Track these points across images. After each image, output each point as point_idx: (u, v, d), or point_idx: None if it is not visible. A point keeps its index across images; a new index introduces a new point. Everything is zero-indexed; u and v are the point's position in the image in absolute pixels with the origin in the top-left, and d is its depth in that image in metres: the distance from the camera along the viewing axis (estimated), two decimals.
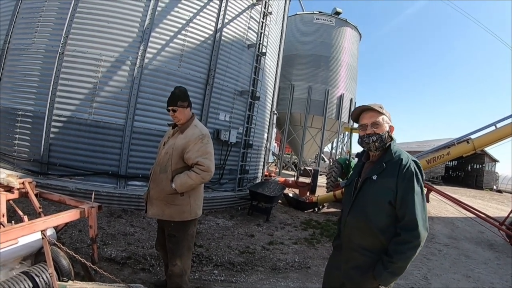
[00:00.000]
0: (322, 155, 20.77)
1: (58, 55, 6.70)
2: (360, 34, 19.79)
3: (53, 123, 6.65)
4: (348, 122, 18.77)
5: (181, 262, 3.17)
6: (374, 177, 2.11)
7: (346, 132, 19.06)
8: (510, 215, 8.75)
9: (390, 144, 2.17)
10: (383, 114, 2.18)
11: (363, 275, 2.09)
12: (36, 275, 2.48)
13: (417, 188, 2.01)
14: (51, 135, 6.66)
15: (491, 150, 35.79)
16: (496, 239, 8.73)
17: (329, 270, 2.45)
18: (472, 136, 9.21)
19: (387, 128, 2.18)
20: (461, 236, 8.96)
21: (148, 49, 7.00)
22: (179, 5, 7.34)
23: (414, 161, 2.10)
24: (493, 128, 8.79)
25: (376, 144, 2.15)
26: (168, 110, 3.20)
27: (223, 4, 7.96)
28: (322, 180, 16.36)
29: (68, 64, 6.72)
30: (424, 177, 2.10)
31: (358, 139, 2.26)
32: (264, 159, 11.02)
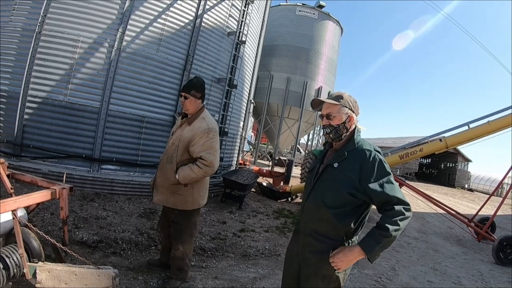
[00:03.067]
0: (298, 146, 21.01)
1: (35, 34, 6.47)
2: (342, 29, 19.89)
3: (27, 104, 6.47)
4: None
5: (183, 247, 3.37)
6: (335, 165, 2.12)
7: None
8: (479, 213, 9.17)
9: (353, 134, 2.18)
10: (339, 105, 2.16)
11: (319, 259, 2.12)
12: (6, 256, 2.50)
13: (387, 173, 2.02)
14: (25, 116, 6.49)
15: (464, 149, 37.18)
16: (464, 235, 9.08)
17: (289, 255, 2.45)
18: (445, 135, 9.49)
19: (344, 119, 2.16)
20: (430, 231, 9.33)
21: (127, 32, 6.86)
22: None
23: (377, 150, 2.11)
24: (466, 128, 9.07)
25: (331, 135, 2.18)
26: (180, 96, 3.26)
27: None
28: (297, 171, 16.63)
29: (45, 44, 6.53)
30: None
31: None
32: (239, 147, 11.09)
